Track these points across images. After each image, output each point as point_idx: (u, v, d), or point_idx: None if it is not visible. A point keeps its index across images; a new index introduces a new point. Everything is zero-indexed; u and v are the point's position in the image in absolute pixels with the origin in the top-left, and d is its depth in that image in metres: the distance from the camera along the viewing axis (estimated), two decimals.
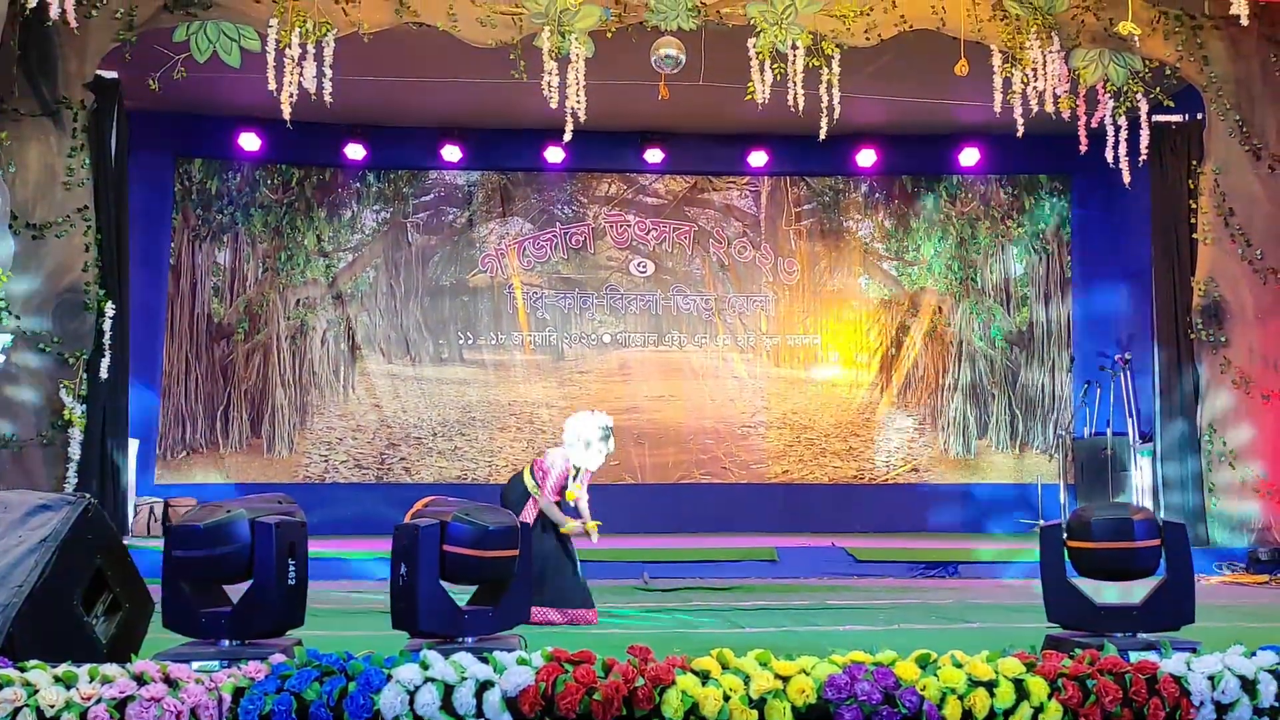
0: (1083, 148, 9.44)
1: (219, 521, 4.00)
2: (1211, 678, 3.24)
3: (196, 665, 3.24)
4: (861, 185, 12.44)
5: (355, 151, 11.59)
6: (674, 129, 11.70)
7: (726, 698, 3.04)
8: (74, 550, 3.70)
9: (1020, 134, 9.12)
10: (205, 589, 4.15)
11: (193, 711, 2.93)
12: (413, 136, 11.72)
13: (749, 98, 8.77)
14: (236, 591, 4.12)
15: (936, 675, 3.15)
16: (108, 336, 8.82)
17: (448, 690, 3.03)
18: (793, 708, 3.05)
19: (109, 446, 9.02)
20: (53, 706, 2.89)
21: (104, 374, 8.80)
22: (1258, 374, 9.26)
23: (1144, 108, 9.34)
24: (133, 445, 9.84)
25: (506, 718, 3.01)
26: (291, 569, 4.09)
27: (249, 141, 11.38)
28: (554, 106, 8.69)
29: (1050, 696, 3.14)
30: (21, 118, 8.54)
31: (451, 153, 11.69)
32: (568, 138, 8.75)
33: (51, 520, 3.71)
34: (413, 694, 3.01)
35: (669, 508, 11.57)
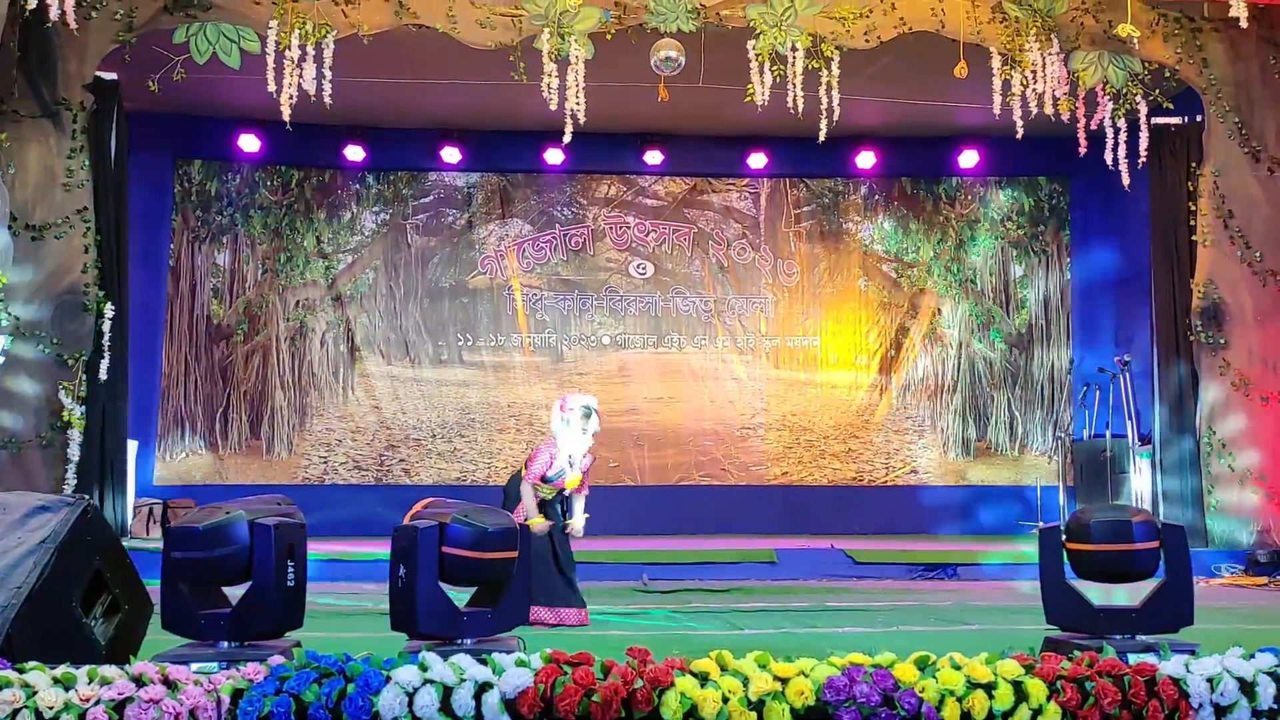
0: (1082, 150, 9.46)
1: (218, 523, 4.00)
2: (1210, 680, 3.24)
3: (195, 667, 3.24)
4: (861, 187, 12.45)
5: (355, 153, 11.60)
6: (673, 131, 11.71)
7: (725, 699, 3.04)
8: (73, 552, 3.70)
9: (1020, 136, 9.13)
10: (204, 590, 4.15)
11: (191, 713, 2.93)
12: (412, 138, 11.73)
13: (748, 99, 8.77)
14: (236, 593, 4.12)
15: (935, 677, 3.15)
16: (107, 337, 8.82)
17: (446, 692, 3.03)
18: (791, 710, 3.05)
19: (108, 448, 9.02)
20: (51, 708, 2.89)
21: (103, 375, 8.80)
22: (1257, 376, 9.27)
23: (1143, 110, 9.35)
24: (132, 446, 9.85)
25: (505, 719, 3.02)
26: (290, 571, 4.09)
27: (248, 143, 11.39)
28: (553, 108, 8.70)
29: (1049, 698, 3.14)
30: (21, 119, 8.55)
31: (451, 154, 11.70)
32: (567, 139, 8.75)
33: (50, 522, 3.71)
34: (411, 696, 3.01)
35: (668, 509, 11.57)
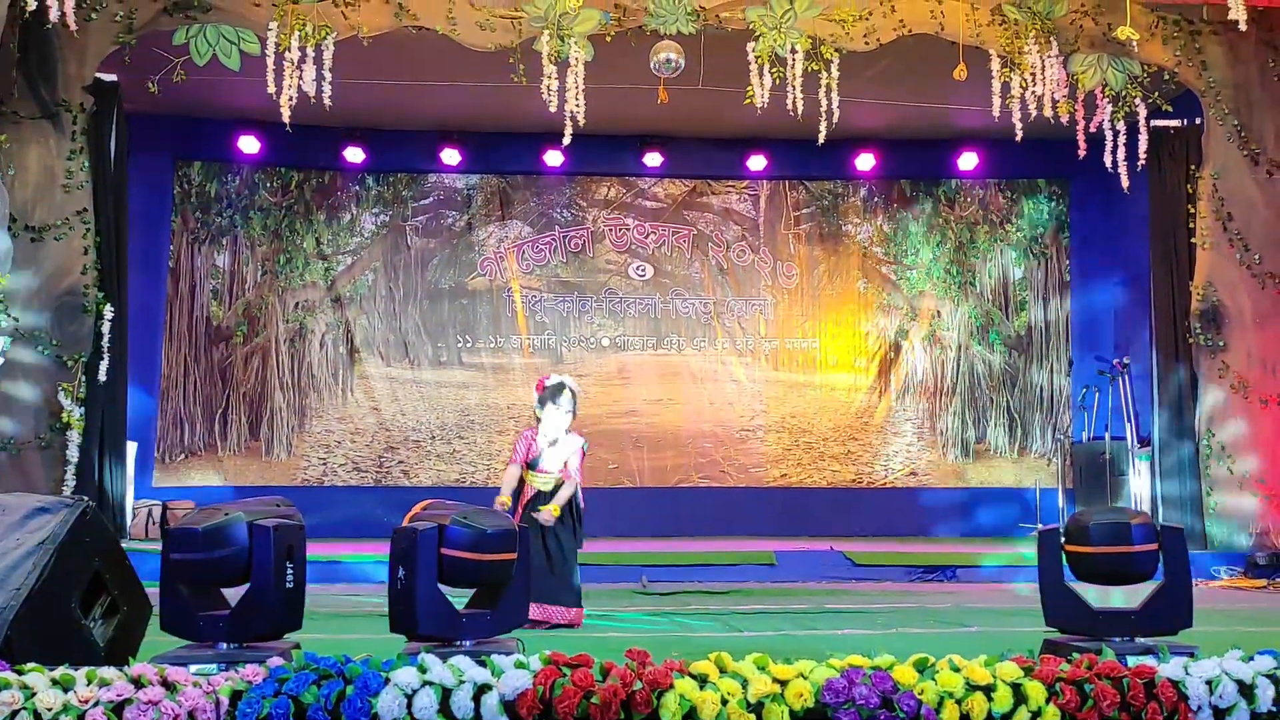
0: (1081, 152, 9.47)
1: (217, 524, 3.99)
2: (1209, 682, 3.24)
3: (194, 668, 3.24)
4: (860, 189, 12.45)
5: (354, 155, 11.60)
6: (673, 133, 11.71)
7: (724, 701, 3.04)
8: (72, 553, 3.70)
9: (1019, 138, 9.13)
10: (203, 592, 4.15)
11: (190, 715, 2.93)
12: (412, 140, 11.73)
13: (748, 102, 8.77)
14: (235, 595, 4.12)
15: (934, 679, 3.15)
16: (106, 339, 8.80)
17: (445, 694, 3.03)
18: (791, 712, 3.05)
19: (107, 449, 9.01)
20: (50, 709, 2.89)
21: (102, 376, 8.79)
22: (1256, 378, 9.27)
23: (1142, 112, 9.36)
24: (131, 448, 9.84)
25: None
26: (289, 572, 4.09)
27: (248, 144, 11.39)
28: (553, 110, 8.70)
29: (1048, 701, 3.14)
30: (21, 120, 8.55)
31: (451, 156, 11.70)
32: (567, 141, 8.74)
33: (49, 523, 3.71)
34: (410, 697, 3.01)
35: (667, 511, 11.57)
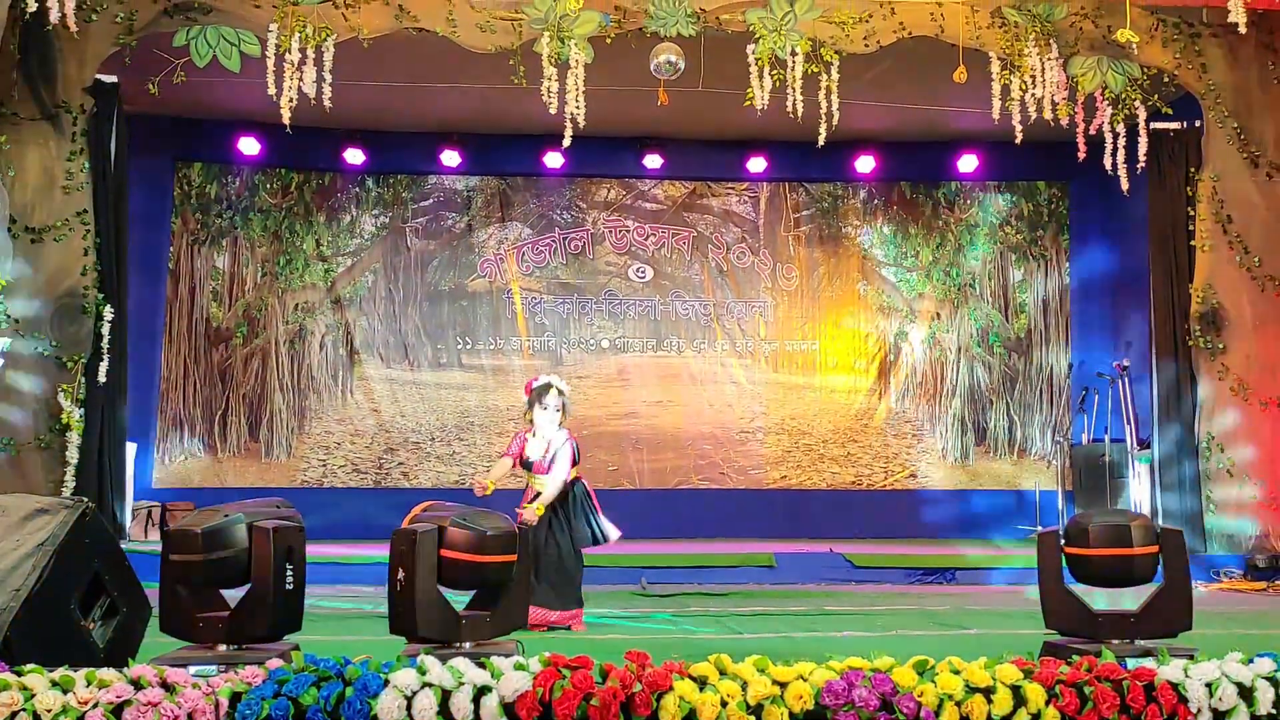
0: (1081, 155, 9.46)
1: (217, 526, 4.00)
2: (1209, 685, 3.24)
3: (193, 670, 3.24)
4: (860, 191, 12.45)
5: (354, 156, 11.60)
6: (673, 135, 11.71)
7: (724, 703, 3.04)
8: (71, 554, 3.70)
9: (1019, 141, 9.12)
10: (203, 593, 4.15)
11: (190, 716, 2.93)
12: (412, 141, 11.73)
13: (748, 104, 8.77)
14: (234, 596, 4.12)
15: (934, 681, 3.15)
16: (106, 340, 8.80)
17: (445, 695, 3.03)
18: (790, 714, 3.05)
19: (107, 450, 9.00)
20: (49, 711, 2.89)
21: (102, 378, 8.79)
22: (1256, 381, 9.27)
23: (1142, 115, 9.35)
24: (130, 449, 9.84)
25: None
26: (289, 573, 4.09)
27: (248, 146, 11.39)
28: (553, 112, 8.69)
29: (1048, 703, 3.14)
30: (21, 121, 8.54)
31: (451, 158, 11.70)
32: (567, 143, 8.73)
33: (49, 524, 3.71)
34: (410, 699, 3.01)
35: (667, 513, 11.56)
